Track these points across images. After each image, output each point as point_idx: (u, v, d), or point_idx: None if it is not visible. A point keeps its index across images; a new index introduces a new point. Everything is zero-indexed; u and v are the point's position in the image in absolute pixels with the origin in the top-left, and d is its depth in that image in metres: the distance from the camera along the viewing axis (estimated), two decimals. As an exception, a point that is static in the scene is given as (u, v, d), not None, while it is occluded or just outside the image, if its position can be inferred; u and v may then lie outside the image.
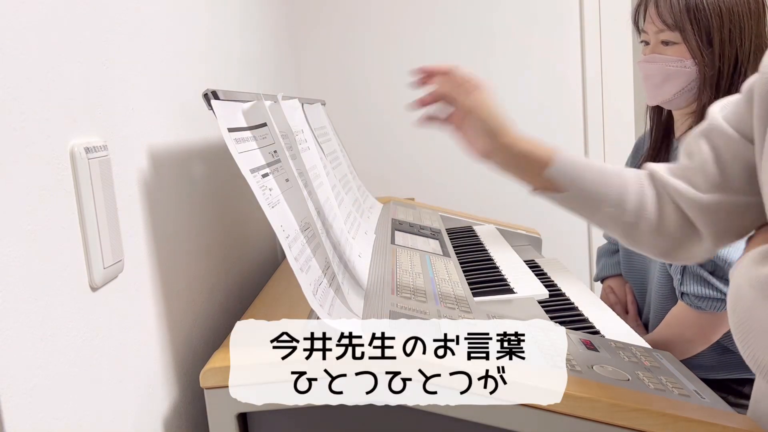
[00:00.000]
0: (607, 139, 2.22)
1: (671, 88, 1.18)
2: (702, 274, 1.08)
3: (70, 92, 0.60)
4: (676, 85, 1.17)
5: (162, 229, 0.79)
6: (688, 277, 1.10)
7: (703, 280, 1.08)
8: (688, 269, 1.10)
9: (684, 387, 0.75)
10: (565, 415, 0.66)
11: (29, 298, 0.51)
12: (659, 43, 1.18)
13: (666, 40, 1.16)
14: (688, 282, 1.10)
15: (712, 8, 1.12)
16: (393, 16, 2.19)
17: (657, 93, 1.21)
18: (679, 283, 1.11)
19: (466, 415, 0.66)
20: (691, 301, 1.10)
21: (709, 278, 1.07)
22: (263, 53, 1.59)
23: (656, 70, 1.19)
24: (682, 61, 1.15)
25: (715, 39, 1.13)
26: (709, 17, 1.12)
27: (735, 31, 1.13)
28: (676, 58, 1.16)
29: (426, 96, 0.90)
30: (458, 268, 1.13)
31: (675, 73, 1.16)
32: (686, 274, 1.10)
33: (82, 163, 0.60)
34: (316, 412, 0.67)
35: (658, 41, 1.18)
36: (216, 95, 0.72)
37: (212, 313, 0.96)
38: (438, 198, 2.17)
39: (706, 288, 1.08)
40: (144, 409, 0.71)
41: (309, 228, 0.81)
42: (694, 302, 1.09)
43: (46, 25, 0.57)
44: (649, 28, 1.19)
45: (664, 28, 1.16)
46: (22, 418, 0.49)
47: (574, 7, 2.18)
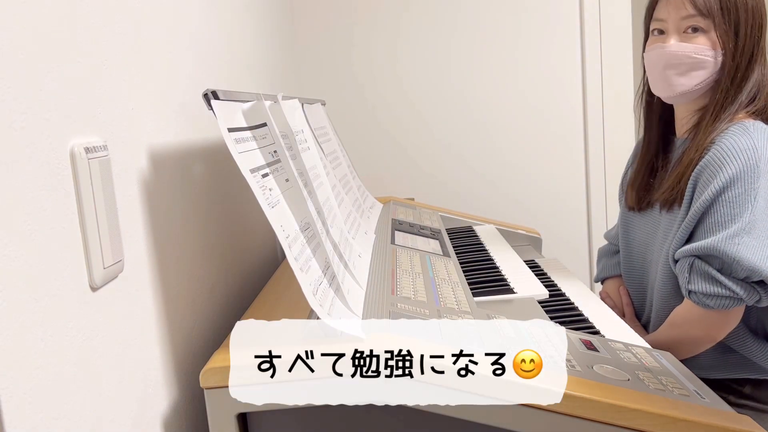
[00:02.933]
0: (607, 140, 2.22)
1: (693, 79, 1.16)
2: (710, 272, 1.07)
3: (70, 92, 0.60)
4: (700, 76, 1.15)
5: (162, 229, 0.79)
6: (696, 275, 1.09)
7: (711, 278, 1.08)
8: (696, 267, 1.09)
9: (684, 387, 0.75)
10: (565, 415, 0.66)
11: (29, 298, 0.51)
12: (683, 30, 1.15)
13: (696, 25, 1.14)
14: (695, 280, 1.09)
15: (741, 1, 1.13)
16: (393, 16, 2.19)
17: (678, 83, 1.17)
18: (687, 282, 1.10)
19: (466, 415, 0.66)
20: (699, 299, 1.09)
21: (717, 276, 1.07)
22: (263, 53, 1.59)
23: (684, 58, 1.15)
24: (709, 51, 1.14)
25: (741, 32, 1.13)
26: (738, 9, 1.13)
27: (755, 27, 1.13)
28: (704, 47, 1.14)
29: None
30: (458, 268, 1.13)
31: (701, 63, 1.14)
32: (693, 272, 1.10)
33: (82, 163, 0.60)
34: (316, 412, 0.67)
35: (682, 28, 1.15)
36: (216, 95, 0.72)
37: (212, 313, 0.96)
38: (438, 198, 2.17)
39: (714, 286, 1.07)
40: (144, 409, 0.71)
41: (309, 228, 0.81)
42: (702, 300, 1.09)
43: (46, 25, 0.57)
44: (672, 15, 1.16)
45: (694, 13, 1.13)
46: (22, 418, 0.49)
47: (574, 6, 2.18)
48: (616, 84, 2.20)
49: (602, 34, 2.17)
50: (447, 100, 2.21)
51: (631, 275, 1.36)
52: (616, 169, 2.16)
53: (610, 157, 2.22)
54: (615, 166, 2.18)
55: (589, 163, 2.23)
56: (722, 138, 1.10)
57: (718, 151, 1.08)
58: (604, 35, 2.17)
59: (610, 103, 2.21)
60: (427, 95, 2.21)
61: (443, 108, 2.21)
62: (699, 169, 1.10)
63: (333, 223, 0.95)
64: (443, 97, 2.21)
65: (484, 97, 2.21)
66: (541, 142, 2.22)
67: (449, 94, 2.21)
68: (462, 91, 2.21)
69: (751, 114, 1.15)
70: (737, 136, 1.08)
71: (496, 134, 2.22)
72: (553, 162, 2.22)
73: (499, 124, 2.22)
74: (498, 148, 2.21)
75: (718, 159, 1.08)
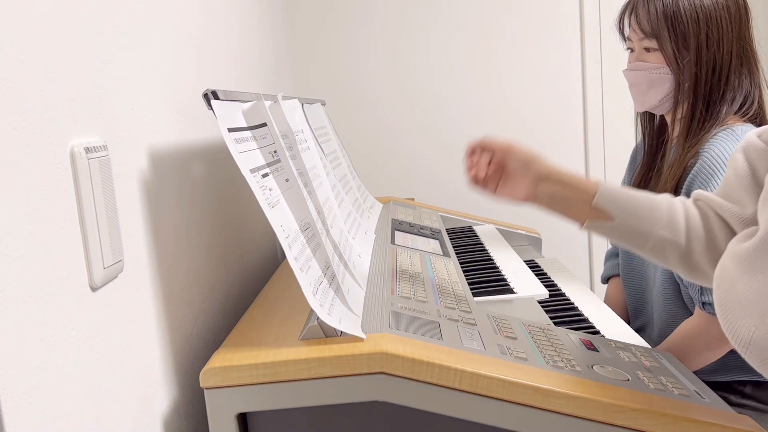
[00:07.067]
0: (607, 141, 2.22)
1: (656, 95, 1.20)
2: None
3: (70, 92, 0.60)
4: (661, 92, 1.19)
5: (162, 229, 0.79)
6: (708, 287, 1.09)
7: None
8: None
9: (684, 387, 0.75)
10: (565, 415, 0.66)
11: (29, 298, 0.51)
12: (642, 50, 1.20)
13: (647, 47, 1.18)
14: (708, 292, 1.08)
15: (689, 14, 1.13)
16: (393, 17, 2.19)
17: (643, 100, 1.22)
18: (700, 294, 1.09)
19: (466, 415, 0.66)
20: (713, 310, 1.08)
21: None
22: (263, 53, 1.59)
23: (641, 78, 1.20)
24: (662, 68, 1.17)
25: (691, 45, 1.14)
26: (686, 23, 1.13)
27: (713, 36, 1.13)
28: (656, 65, 1.17)
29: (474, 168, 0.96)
30: (458, 268, 1.13)
31: (658, 79, 1.18)
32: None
33: (82, 163, 0.60)
34: (316, 412, 0.68)
35: (641, 48, 1.20)
36: (216, 95, 0.72)
37: (212, 313, 0.96)
38: (438, 198, 2.18)
39: None
40: (144, 409, 0.71)
41: (309, 228, 0.81)
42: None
43: (46, 25, 0.57)
44: (632, 36, 1.21)
45: (643, 36, 1.18)
46: (22, 418, 0.49)
47: (574, 8, 2.18)
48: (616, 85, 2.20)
49: (602, 34, 2.18)
50: (447, 100, 2.21)
51: (630, 278, 1.36)
52: (616, 169, 2.16)
53: (609, 157, 2.22)
54: (615, 167, 2.18)
55: (589, 163, 2.24)
56: (711, 145, 1.10)
57: (707, 159, 1.09)
58: (604, 35, 2.17)
59: (609, 104, 2.21)
60: (427, 95, 2.21)
61: (443, 108, 2.21)
62: (691, 177, 1.11)
63: (333, 223, 0.96)
64: (443, 97, 2.21)
65: (484, 97, 2.21)
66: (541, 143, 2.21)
67: (449, 94, 2.21)
68: (462, 91, 2.21)
69: (743, 119, 1.16)
70: (726, 142, 1.09)
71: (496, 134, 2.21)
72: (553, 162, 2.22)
73: (499, 124, 2.22)
74: (498, 148, 2.21)
75: (708, 167, 1.08)
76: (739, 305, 0.55)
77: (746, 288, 0.54)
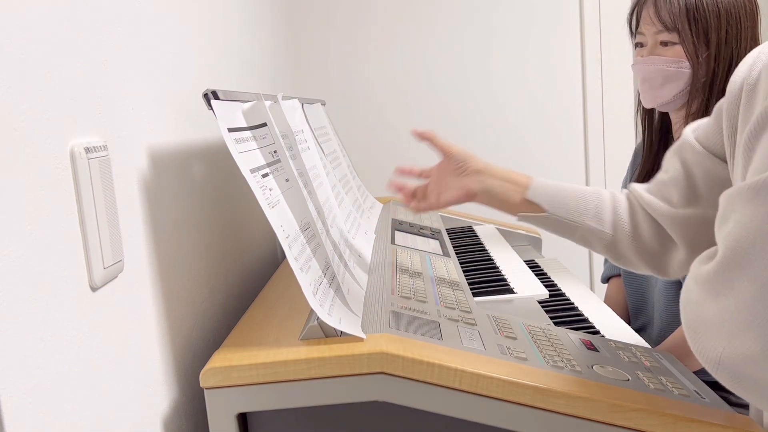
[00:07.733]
0: (607, 140, 2.22)
1: (670, 90, 1.18)
2: None
3: (70, 92, 0.60)
4: (676, 87, 1.17)
5: (162, 229, 0.79)
6: None
7: None
8: None
9: (684, 387, 0.75)
10: (565, 415, 0.66)
11: (29, 298, 0.51)
12: (657, 44, 1.18)
13: (665, 40, 1.17)
14: None
15: (711, 9, 1.13)
16: (393, 16, 2.19)
17: (656, 95, 1.20)
18: None
19: (466, 415, 0.66)
20: None
21: None
22: (263, 53, 1.59)
23: (655, 72, 1.19)
24: (680, 62, 1.15)
25: (712, 40, 1.13)
26: (708, 18, 1.13)
27: (732, 32, 1.13)
28: (674, 59, 1.16)
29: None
30: (458, 268, 1.13)
31: (674, 74, 1.17)
32: None
33: (82, 163, 0.60)
34: (315, 412, 0.68)
35: (656, 42, 1.18)
36: (216, 95, 0.72)
37: (212, 313, 0.96)
38: (438, 198, 2.17)
39: None
40: (144, 409, 0.71)
41: (309, 228, 0.81)
42: None
43: (46, 25, 0.57)
44: (647, 29, 1.20)
45: (662, 29, 1.16)
46: (22, 418, 0.49)
47: (574, 7, 2.18)
48: (617, 85, 2.20)
49: (602, 34, 2.18)
50: (447, 100, 2.21)
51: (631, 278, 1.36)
52: (616, 169, 2.16)
53: (610, 157, 2.22)
54: (615, 167, 2.18)
55: (589, 163, 2.23)
56: None
57: None
58: (604, 35, 2.17)
59: (610, 104, 2.21)
60: (427, 95, 2.21)
61: (443, 108, 2.21)
62: None
63: (333, 223, 0.96)
64: (443, 97, 2.21)
65: (483, 97, 2.21)
66: (542, 143, 2.22)
67: (449, 94, 2.21)
68: (462, 92, 2.21)
69: None
70: None
71: (496, 134, 2.22)
72: (553, 162, 2.22)
73: (499, 124, 2.22)
74: (498, 148, 2.21)
75: None
76: (706, 327, 0.56)
77: (712, 311, 0.55)
